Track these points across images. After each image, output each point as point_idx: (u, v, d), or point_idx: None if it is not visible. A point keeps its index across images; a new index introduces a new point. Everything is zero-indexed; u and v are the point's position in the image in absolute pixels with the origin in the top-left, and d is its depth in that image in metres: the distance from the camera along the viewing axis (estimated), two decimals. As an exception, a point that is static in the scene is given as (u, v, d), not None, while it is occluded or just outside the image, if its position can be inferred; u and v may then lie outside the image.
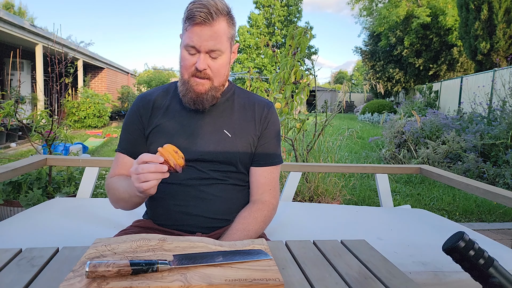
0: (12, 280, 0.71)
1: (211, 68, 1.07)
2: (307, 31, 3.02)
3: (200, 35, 1.02)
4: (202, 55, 1.05)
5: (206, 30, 1.02)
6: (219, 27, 1.03)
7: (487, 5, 10.52)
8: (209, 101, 1.11)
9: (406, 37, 18.47)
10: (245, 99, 1.22)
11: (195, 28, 1.02)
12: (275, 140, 1.22)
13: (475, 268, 0.62)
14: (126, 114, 1.22)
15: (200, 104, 1.11)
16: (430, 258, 1.28)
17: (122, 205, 1.12)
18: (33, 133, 2.77)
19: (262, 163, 1.18)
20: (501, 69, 8.30)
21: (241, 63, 30.45)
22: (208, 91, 1.09)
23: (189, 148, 1.11)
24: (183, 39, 1.07)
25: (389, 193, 2.04)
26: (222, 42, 1.05)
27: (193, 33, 1.03)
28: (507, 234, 3.03)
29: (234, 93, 1.23)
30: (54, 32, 5.21)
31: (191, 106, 1.12)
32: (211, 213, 1.10)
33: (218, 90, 1.13)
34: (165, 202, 1.12)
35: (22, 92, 9.44)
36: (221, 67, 1.09)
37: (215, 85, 1.10)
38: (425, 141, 5.53)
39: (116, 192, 1.09)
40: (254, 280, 0.69)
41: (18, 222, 1.50)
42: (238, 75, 21.10)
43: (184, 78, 1.10)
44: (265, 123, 1.19)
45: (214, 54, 1.06)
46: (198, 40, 1.03)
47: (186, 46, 1.05)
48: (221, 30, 1.04)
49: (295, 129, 3.13)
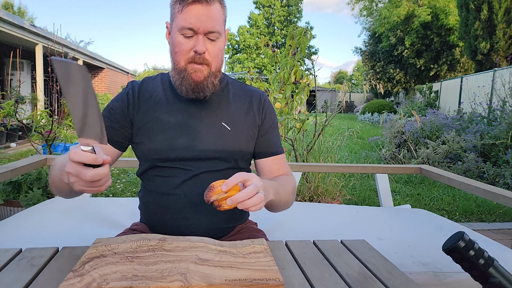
0: (12, 280, 0.71)
1: (210, 52, 0.99)
2: (307, 31, 3.02)
3: (198, 16, 0.94)
4: (201, 37, 0.96)
5: (204, 10, 0.94)
6: (216, 8, 0.97)
7: (487, 5, 10.52)
8: (209, 89, 1.03)
9: (407, 37, 18.47)
10: (239, 89, 1.15)
11: (192, 8, 0.94)
12: (276, 129, 1.17)
13: (475, 268, 0.62)
14: (113, 98, 1.11)
15: (200, 92, 1.02)
16: (430, 258, 1.28)
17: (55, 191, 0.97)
18: (33, 133, 2.77)
19: (269, 153, 1.13)
20: (501, 69, 8.30)
21: (241, 63, 30.47)
22: (207, 77, 1.01)
23: (186, 145, 1.04)
24: (175, 23, 0.98)
25: (389, 193, 2.04)
26: (220, 23, 0.98)
27: (189, 14, 0.94)
28: (507, 234, 3.03)
29: (228, 83, 1.15)
30: (54, 32, 5.20)
31: (189, 95, 1.02)
32: (209, 224, 1.04)
33: (216, 77, 1.04)
34: (160, 214, 1.06)
35: (22, 92, 9.43)
36: (219, 51, 1.01)
37: (213, 71, 1.02)
38: (425, 141, 5.53)
39: (54, 167, 0.94)
40: (254, 280, 0.69)
41: (18, 222, 1.49)
42: (238, 75, 21.08)
43: (180, 66, 1.01)
44: (263, 113, 1.14)
45: (213, 36, 0.97)
46: (196, 21, 0.94)
47: (181, 29, 0.96)
48: (218, 11, 0.98)
49: (295, 129, 3.13)
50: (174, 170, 1.04)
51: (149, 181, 1.09)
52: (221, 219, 1.06)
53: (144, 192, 1.11)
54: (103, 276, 0.68)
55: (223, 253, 0.80)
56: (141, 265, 0.73)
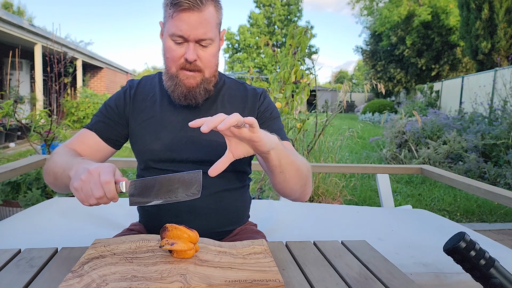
0: (11, 280, 0.70)
1: (201, 59, 0.97)
2: (308, 30, 3.02)
3: (189, 23, 0.92)
4: (192, 45, 0.95)
5: (195, 17, 0.92)
6: (208, 13, 0.93)
7: (488, 4, 10.51)
8: (202, 95, 1.02)
9: (408, 37, 18.48)
10: (236, 90, 1.12)
11: (183, 15, 0.91)
12: (276, 120, 1.11)
13: (476, 268, 0.61)
14: (112, 96, 1.12)
15: (192, 99, 1.01)
16: (431, 259, 1.27)
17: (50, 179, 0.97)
18: (32, 133, 2.77)
19: None
20: (502, 69, 8.28)
21: (241, 62, 30.48)
22: (199, 84, 1.00)
23: (179, 147, 1.02)
24: (167, 27, 0.96)
25: (390, 193, 2.04)
26: (212, 29, 0.95)
27: (180, 21, 0.92)
28: (508, 234, 3.03)
29: (224, 84, 1.13)
30: (53, 31, 5.20)
31: (182, 101, 1.01)
32: (208, 227, 1.02)
33: (210, 82, 1.03)
34: (157, 217, 1.05)
35: (21, 92, 9.44)
36: (212, 56, 0.99)
37: (206, 77, 1.01)
38: (426, 141, 5.52)
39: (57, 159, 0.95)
40: (254, 281, 0.69)
41: (17, 222, 1.49)
42: (238, 75, 21.09)
43: (171, 72, 0.99)
44: (259, 107, 1.10)
45: (204, 43, 0.95)
46: (187, 29, 0.92)
47: (172, 35, 0.94)
48: (210, 16, 0.94)
49: (295, 129, 3.13)
50: (169, 172, 1.02)
51: None
52: (220, 223, 1.05)
53: None
54: (102, 277, 0.68)
55: (222, 254, 0.80)
56: (140, 265, 0.73)
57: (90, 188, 0.74)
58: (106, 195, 0.75)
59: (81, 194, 0.76)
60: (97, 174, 0.74)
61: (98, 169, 0.75)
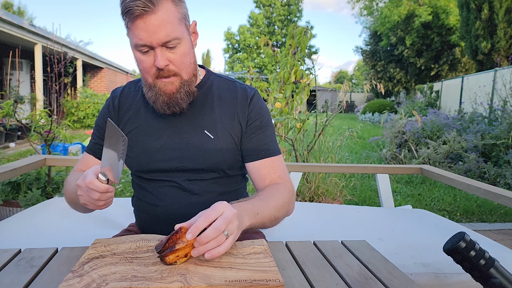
0: (11, 280, 0.70)
1: (173, 62, 0.91)
2: (307, 30, 3.02)
3: (147, 29, 0.85)
4: (158, 50, 0.88)
5: (151, 20, 0.85)
6: (165, 12, 0.86)
7: (487, 4, 10.51)
8: (184, 100, 0.96)
9: (407, 37, 18.47)
10: (225, 90, 1.05)
11: (138, 22, 0.85)
12: (267, 129, 1.05)
13: (476, 268, 0.61)
14: (100, 112, 1.11)
15: (175, 106, 0.95)
16: (431, 259, 1.28)
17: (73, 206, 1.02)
18: (32, 133, 2.77)
19: (257, 156, 1.02)
20: (502, 69, 8.28)
21: (241, 62, 30.48)
22: (179, 88, 0.94)
23: (166, 157, 0.99)
24: (130, 39, 0.91)
25: (390, 193, 2.04)
26: (175, 27, 0.88)
27: (138, 29, 0.86)
28: (508, 234, 3.03)
29: (212, 83, 1.06)
30: (53, 31, 5.20)
31: (165, 111, 0.96)
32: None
33: (190, 83, 0.97)
34: (150, 223, 1.05)
35: (21, 92, 9.44)
36: (184, 56, 0.93)
37: (185, 79, 0.95)
38: (426, 141, 5.52)
39: (68, 186, 1.01)
40: (254, 281, 0.69)
41: (17, 222, 1.49)
42: (238, 75, 21.09)
43: (148, 82, 0.95)
44: (249, 114, 1.03)
45: (170, 45, 0.89)
46: (146, 36, 0.86)
47: (136, 47, 0.89)
48: (168, 14, 0.87)
49: (295, 129, 3.13)
50: (158, 182, 1.02)
51: (137, 190, 1.09)
52: None
53: (135, 199, 1.11)
54: (102, 277, 0.68)
55: (223, 254, 0.80)
56: (140, 265, 0.73)
57: (88, 196, 0.82)
58: (99, 192, 0.81)
59: (89, 204, 0.84)
60: (83, 183, 0.81)
61: (82, 179, 0.82)
